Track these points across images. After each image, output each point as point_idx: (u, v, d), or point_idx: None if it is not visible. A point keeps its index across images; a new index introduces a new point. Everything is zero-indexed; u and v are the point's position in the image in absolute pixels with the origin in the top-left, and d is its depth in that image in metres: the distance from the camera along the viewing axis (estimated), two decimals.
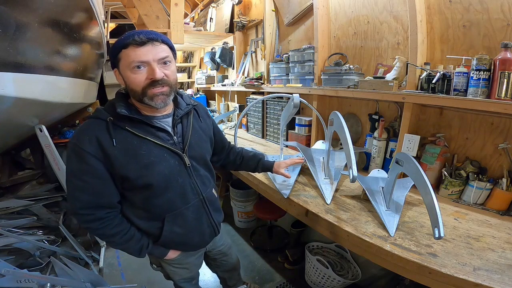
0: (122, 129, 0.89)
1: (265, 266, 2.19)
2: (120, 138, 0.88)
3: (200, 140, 1.08)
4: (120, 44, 0.85)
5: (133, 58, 0.84)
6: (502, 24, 1.19)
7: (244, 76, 3.06)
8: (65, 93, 2.07)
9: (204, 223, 1.11)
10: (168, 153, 0.96)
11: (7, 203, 2.50)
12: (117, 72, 0.92)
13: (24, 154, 3.68)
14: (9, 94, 1.30)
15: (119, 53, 0.86)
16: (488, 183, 1.26)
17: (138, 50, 0.83)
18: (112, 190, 0.93)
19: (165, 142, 0.95)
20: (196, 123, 1.08)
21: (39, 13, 1.44)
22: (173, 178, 0.97)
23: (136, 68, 0.85)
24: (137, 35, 0.83)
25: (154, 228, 1.02)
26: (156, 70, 0.85)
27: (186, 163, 1.00)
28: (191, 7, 4.36)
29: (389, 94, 1.48)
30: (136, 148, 0.90)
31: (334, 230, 1.19)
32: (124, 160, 0.88)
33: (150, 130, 0.93)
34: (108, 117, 0.89)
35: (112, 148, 0.87)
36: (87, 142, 0.85)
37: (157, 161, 0.93)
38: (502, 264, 0.88)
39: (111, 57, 0.91)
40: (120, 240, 0.97)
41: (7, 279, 1.48)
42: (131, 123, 0.91)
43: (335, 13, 1.98)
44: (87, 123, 0.91)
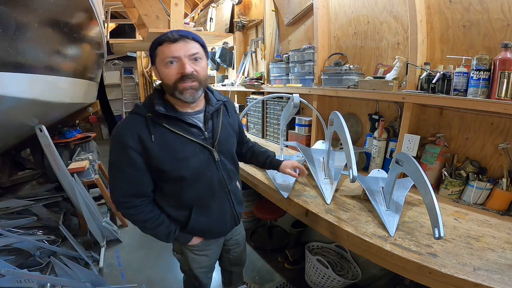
0: (160, 126, 0.96)
1: (265, 266, 2.19)
2: (157, 134, 0.95)
3: (228, 136, 1.14)
4: (156, 41, 0.93)
5: (166, 54, 0.91)
6: (502, 24, 1.19)
7: (244, 76, 3.06)
8: (65, 93, 2.07)
9: (227, 214, 1.18)
10: (200, 148, 1.03)
11: (7, 203, 2.51)
12: (155, 68, 0.99)
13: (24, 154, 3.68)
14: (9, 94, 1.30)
15: (156, 49, 0.94)
16: (488, 183, 1.26)
17: (172, 46, 0.91)
18: (148, 180, 1.01)
19: (197, 137, 1.02)
20: (225, 119, 1.14)
21: (39, 13, 1.44)
22: (203, 171, 1.05)
23: (169, 63, 0.92)
24: (170, 33, 0.92)
25: (182, 216, 1.10)
26: (186, 65, 0.91)
27: (215, 158, 1.07)
28: (191, 7, 4.36)
29: (389, 94, 1.48)
30: (172, 143, 0.97)
31: (334, 230, 1.19)
32: (161, 154, 0.96)
33: (183, 126, 1.00)
34: (147, 114, 0.96)
35: (150, 143, 0.94)
36: (129, 137, 0.93)
37: (190, 156, 1.00)
38: (502, 264, 0.88)
39: (150, 55, 0.99)
40: (151, 225, 1.06)
41: (7, 279, 1.48)
42: (167, 119, 0.97)
43: (335, 13, 1.98)
44: (129, 118, 0.99)
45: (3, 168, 3.07)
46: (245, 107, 2.56)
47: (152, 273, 2.13)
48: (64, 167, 2.22)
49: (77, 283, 1.63)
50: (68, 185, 2.23)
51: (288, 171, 1.34)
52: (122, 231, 2.68)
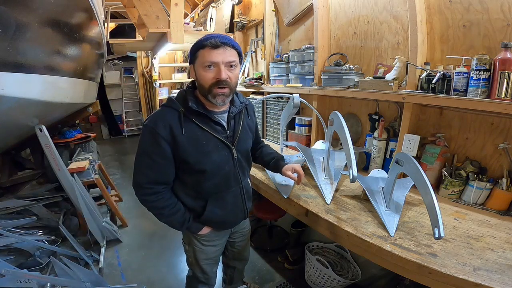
0: (190, 121, 1.04)
1: (265, 266, 2.19)
2: (187, 128, 1.03)
3: (247, 136, 1.23)
4: (199, 44, 0.99)
5: (206, 58, 0.97)
6: (502, 24, 1.19)
7: (244, 76, 3.06)
8: (65, 93, 2.07)
9: (239, 207, 1.25)
10: (221, 145, 1.10)
11: (7, 203, 2.51)
12: (192, 67, 1.06)
13: (24, 154, 3.69)
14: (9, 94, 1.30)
15: (197, 52, 1.00)
16: (488, 183, 1.26)
17: (212, 52, 0.97)
18: (172, 170, 1.09)
19: (220, 134, 1.09)
20: (245, 120, 1.21)
21: (39, 13, 1.44)
22: (222, 166, 1.12)
23: (207, 67, 0.98)
24: (213, 38, 0.97)
25: (198, 206, 1.17)
26: (222, 71, 0.98)
27: (233, 155, 1.14)
28: (191, 7, 4.36)
29: (389, 94, 1.48)
30: (199, 138, 1.05)
31: (334, 230, 1.19)
32: (188, 147, 1.03)
33: (210, 123, 1.07)
34: (180, 108, 1.03)
35: (180, 136, 1.01)
36: (162, 127, 1.00)
37: (212, 151, 1.07)
38: (502, 264, 0.88)
39: (190, 55, 1.05)
40: (168, 213, 1.12)
41: (7, 279, 1.48)
42: (197, 116, 1.05)
43: (335, 13, 1.98)
44: (163, 110, 1.05)
45: (3, 168, 3.07)
46: None
47: (152, 273, 2.13)
48: (64, 167, 2.22)
49: (77, 283, 1.63)
50: (68, 185, 2.23)
51: (289, 173, 1.33)
52: (122, 231, 2.68)
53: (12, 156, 3.29)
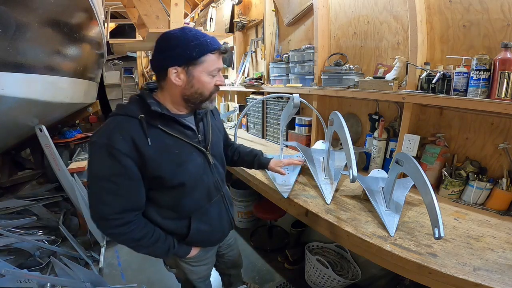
0: (155, 128, 0.87)
1: (265, 266, 2.19)
2: (154, 137, 0.86)
3: (218, 139, 1.13)
4: (208, 47, 0.85)
5: (217, 65, 0.89)
6: (502, 24, 1.19)
7: (244, 76, 3.06)
8: (65, 93, 2.08)
9: (224, 218, 1.15)
10: (196, 151, 0.98)
11: (7, 203, 2.51)
12: (180, 71, 0.86)
13: (24, 154, 3.69)
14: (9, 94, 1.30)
15: (204, 55, 0.85)
16: (488, 183, 1.26)
17: (221, 58, 0.91)
18: (142, 192, 0.91)
19: (192, 140, 0.97)
20: (212, 122, 1.11)
21: (39, 13, 1.44)
22: (200, 176, 1.00)
23: (213, 75, 0.90)
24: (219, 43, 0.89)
25: (182, 227, 1.02)
26: (222, 77, 0.94)
27: (210, 161, 1.03)
28: (191, 7, 4.36)
29: (389, 94, 1.48)
30: (170, 147, 0.90)
31: (334, 230, 1.19)
32: (159, 160, 0.87)
33: (179, 128, 0.94)
34: (139, 115, 0.85)
35: (147, 148, 0.84)
36: (121, 141, 0.80)
37: (188, 160, 0.94)
38: (502, 264, 0.88)
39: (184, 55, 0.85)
40: (147, 243, 0.94)
41: (7, 279, 1.48)
42: (162, 121, 0.89)
43: (335, 13, 1.98)
44: (118, 120, 0.85)
45: (3, 168, 3.07)
46: (245, 107, 2.56)
47: (152, 273, 2.13)
48: (64, 167, 2.22)
49: (77, 283, 1.63)
50: (68, 185, 2.23)
51: (277, 169, 1.32)
52: None
53: (12, 156, 3.29)
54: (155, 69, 0.91)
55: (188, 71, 0.87)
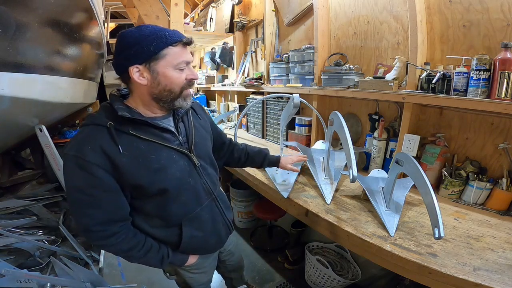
0: (126, 134, 0.83)
1: (265, 266, 2.19)
2: (126, 144, 0.82)
3: (203, 138, 1.06)
4: (168, 40, 0.81)
5: (182, 58, 0.83)
6: (502, 24, 1.19)
7: (244, 76, 3.06)
8: (65, 93, 2.07)
9: (219, 222, 1.09)
10: (177, 154, 0.92)
11: (7, 203, 2.50)
12: (142, 69, 0.82)
13: (24, 154, 3.68)
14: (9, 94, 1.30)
15: (164, 49, 0.81)
16: (488, 183, 1.26)
17: (186, 50, 0.85)
18: (123, 202, 0.87)
19: (172, 143, 0.92)
20: (196, 121, 1.06)
21: (39, 13, 1.44)
22: (185, 180, 0.94)
23: (181, 68, 0.85)
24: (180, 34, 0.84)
25: (173, 235, 0.98)
26: (194, 71, 0.87)
27: (195, 163, 0.97)
28: (191, 7, 4.37)
29: (389, 94, 1.48)
30: (145, 152, 0.85)
31: (334, 230, 1.19)
32: (134, 168, 0.82)
33: (154, 132, 0.88)
34: (107, 122, 0.81)
35: (119, 156, 0.80)
36: (90, 152, 0.77)
37: (168, 164, 0.89)
38: (502, 264, 0.88)
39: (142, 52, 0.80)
40: (138, 254, 0.91)
41: (7, 279, 1.48)
42: (134, 126, 0.84)
43: (335, 13, 1.98)
44: (84, 131, 0.82)
45: (3, 168, 3.07)
46: (245, 107, 2.56)
47: (152, 273, 2.13)
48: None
49: (77, 283, 1.63)
50: None
51: (290, 166, 1.30)
52: None
53: (12, 156, 3.29)
54: (117, 72, 0.87)
55: (150, 68, 0.82)
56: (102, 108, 0.87)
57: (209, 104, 4.20)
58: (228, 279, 1.57)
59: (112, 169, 0.80)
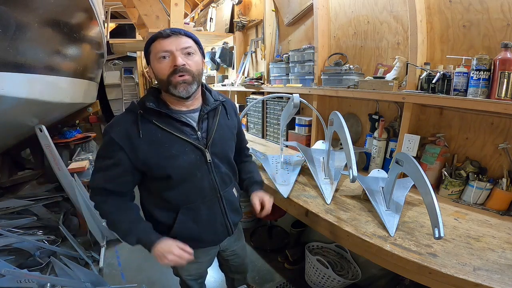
0: (149, 122, 0.95)
1: (265, 266, 2.19)
2: (146, 130, 0.94)
3: (225, 138, 1.09)
4: (150, 39, 0.95)
5: (158, 49, 0.92)
6: (502, 24, 1.19)
7: (244, 76, 3.06)
8: (65, 93, 2.08)
9: (217, 222, 1.11)
10: (190, 147, 0.99)
11: (7, 203, 2.51)
12: (149, 67, 0.99)
13: (24, 154, 3.69)
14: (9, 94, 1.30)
15: (149, 47, 0.95)
16: (488, 183, 1.26)
17: (163, 42, 0.92)
18: (126, 179, 0.98)
19: (188, 136, 0.98)
20: (222, 120, 1.09)
21: (39, 13, 1.44)
22: (192, 172, 1.01)
23: (161, 58, 0.92)
24: (163, 30, 0.93)
25: (168, 218, 1.05)
26: (177, 57, 0.91)
27: (207, 159, 1.02)
28: (191, 7, 4.37)
29: (389, 94, 1.48)
30: (160, 140, 0.95)
31: (334, 230, 1.19)
32: (147, 151, 0.94)
33: (175, 124, 0.98)
34: (138, 110, 0.95)
35: (138, 140, 0.93)
36: (116, 131, 0.93)
37: (178, 155, 0.97)
38: (502, 264, 0.88)
39: (145, 55, 0.99)
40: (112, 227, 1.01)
41: (7, 279, 1.48)
42: (158, 116, 0.96)
43: (335, 13, 1.98)
44: (122, 114, 1.00)
45: (3, 168, 3.07)
46: (245, 107, 2.56)
47: (152, 273, 2.13)
48: (64, 167, 2.22)
49: (77, 283, 1.63)
50: (68, 185, 2.24)
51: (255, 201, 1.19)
52: None
53: (12, 156, 3.29)
54: None
55: (150, 65, 0.98)
56: (142, 97, 1.01)
57: None
58: (230, 279, 1.57)
59: (130, 149, 0.93)
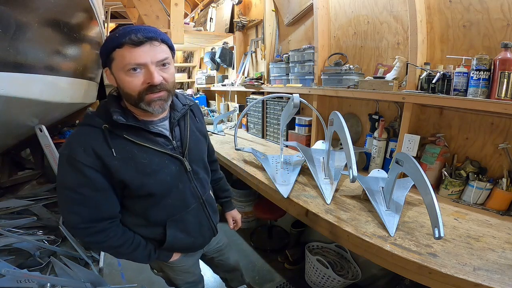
0: (120, 137, 0.83)
1: (265, 266, 2.19)
2: (119, 148, 0.82)
3: (198, 142, 1.05)
4: (113, 43, 0.76)
5: (128, 60, 0.75)
6: (502, 24, 1.19)
7: (244, 76, 3.06)
8: (65, 93, 2.07)
9: (204, 226, 1.10)
10: (169, 159, 0.92)
11: (7, 203, 2.50)
12: (109, 71, 0.83)
13: (24, 154, 3.69)
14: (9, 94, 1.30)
15: (112, 52, 0.77)
16: (488, 183, 1.26)
17: (135, 51, 0.75)
18: (113, 200, 0.88)
19: (165, 148, 0.91)
20: (193, 124, 1.04)
21: (39, 13, 1.44)
22: (174, 184, 0.94)
23: (131, 71, 0.77)
24: (134, 33, 0.74)
25: (157, 234, 0.99)
26: (154, 74, 0.77)
27: (186, 168, 0.97)
28: (191, 7, 4.37)
29: (389, 94, 1.48)
30: (137, 157, 0.85)
31: (334, 230, 1.19)
32: (125, 171, 0.83)
33: (148, 136, 0.88)
34: (103, 125, 0.81)
35: (111, 159, 0.80)
36: (82, 153, 0.78)
37: (158, 169, 0.89)
38: (502, 264, 0.88)
39: (102, 56, 0.82)
40: (127, 250, 0.94)
41: (7, 279, 1.48)
42: (128, 129, 0.84)
43: (335, 13, 1.98)
44: (79, 131, 0.83)
45: (3, 168, 3.07)
46: (245, 107, 2.56)
47: (152, 273, 2.12)
48: None
49: (77, 283, 1.63)
50: None
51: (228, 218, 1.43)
52: None
53: (12, 156, 3.29)
54: None
55: (111, 70, 0.82)
56: (101, 107, 0.87)
57: (209, 104, 4.20)
58: (224, 279, 1.57)
59: (103, 170, 0.81)
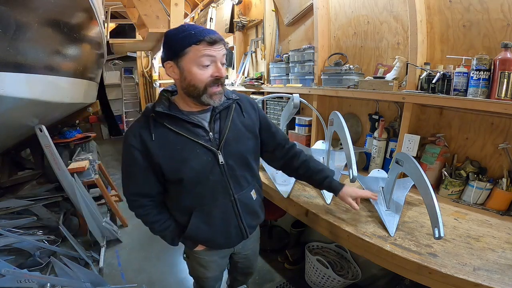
0: (162, 125, 0.95)
1: (265, 266, 2.19)
2: (158, 133, 0.95)
3: (240, 137, 1.04)
4: (192, 39, 0.87)
5: (204, 54, 0.87)
6: (502, 24, 1.19)
7: (244, 76, 3.06)
8: (65, 93, 2.07)
9: (231, 225, 1.08)
10: (201, 149, 0.97)
11: (7, 203, 2.51)
12: (173, 65, 0.92)
13: (24, 154, 3.69)
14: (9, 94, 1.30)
15: (188, 47, 0.87)
16: (488, 183, 1.26)
17: (211, 48, 0.88)
18: (151, 181, 1.00)
19: (200, 138, 0.97)
20: (237, 119, 1.04)
21: (39, 13, 1.44)
22: (204, 175, 0.99)
23: (204, 65, 0.89)
24: (211, 34, 0.88)
25: (184, 220, 1.07)
26: (221, 68, 0.91)
27: (219, 161, 0.99)
28: (191, 7, 4.37)
29: (389, 94, 1.48)
30: (172, 143, 0.95)
31: (334, 230, 1.19)
32: (160, 154, 0.95)
33: (186, 126, 0.97)
34: (150, 114, 0.96)
35: (151, 142, 0.94)
36: (132, 136, 0.96)
37: (189, 157, 0.96)
38: (502, 264, 0.88)
39: (172, 49, 0.91)
40: (158, 228, 1.07)
41: (7, 279, 1.48)
42: (170, 119, 0.96)
43: (335, 13, 1.98)
44: (137, 119, 1.01)
45: (3, 168, 3.07)
46: None
47: (152, 273, 2.13)
48: (64, 167, 2.22)
49: (77, 283, 1.63)
50: (68, 185, 2.23)
51: (349, 201, 1.13)
52: (122, 231, 2.68)
53: (12, 156, 3.29)
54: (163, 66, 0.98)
55: (178, 63, 0.91)
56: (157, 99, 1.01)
57: None
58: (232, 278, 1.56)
59: (145, 151, 0.95)
